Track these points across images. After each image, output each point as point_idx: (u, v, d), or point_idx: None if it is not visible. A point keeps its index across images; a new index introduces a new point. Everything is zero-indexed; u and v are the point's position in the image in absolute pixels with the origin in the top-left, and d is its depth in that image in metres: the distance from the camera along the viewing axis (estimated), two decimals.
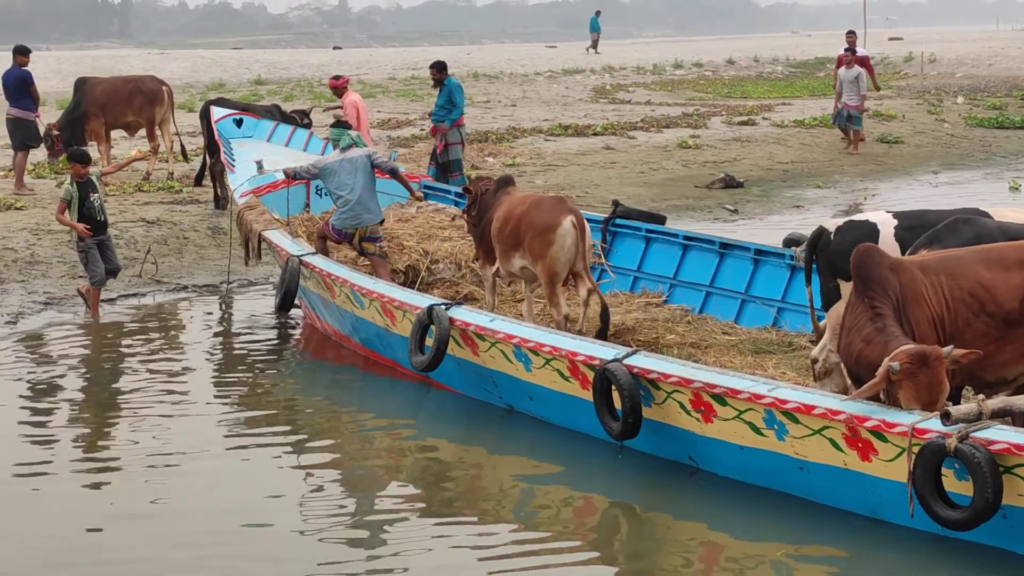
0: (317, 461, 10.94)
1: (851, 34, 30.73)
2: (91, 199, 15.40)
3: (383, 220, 14.88)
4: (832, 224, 10.85)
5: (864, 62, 29.03)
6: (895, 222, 10.70)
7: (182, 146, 23.86)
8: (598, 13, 64.54)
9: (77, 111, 22.91)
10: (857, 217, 11.04)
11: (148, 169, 22.99)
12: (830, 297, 10.69)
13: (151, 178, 22.68)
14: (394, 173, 15.18)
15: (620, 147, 28.72)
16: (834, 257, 10.53)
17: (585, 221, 12.88)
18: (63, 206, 15.36)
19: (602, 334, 12.52)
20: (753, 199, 24.15)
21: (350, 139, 14.79)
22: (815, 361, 10.99)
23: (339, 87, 21.16)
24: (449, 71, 21.23)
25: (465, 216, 14.10)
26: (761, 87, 46.05)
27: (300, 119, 20.81)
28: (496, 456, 11.22)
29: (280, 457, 11.01)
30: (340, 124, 15.32)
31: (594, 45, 62.73)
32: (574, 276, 12.91)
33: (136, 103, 23.32)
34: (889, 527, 8.99)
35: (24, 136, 21.41)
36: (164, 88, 23.79)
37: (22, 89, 21.36)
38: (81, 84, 23.49)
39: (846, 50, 28.70)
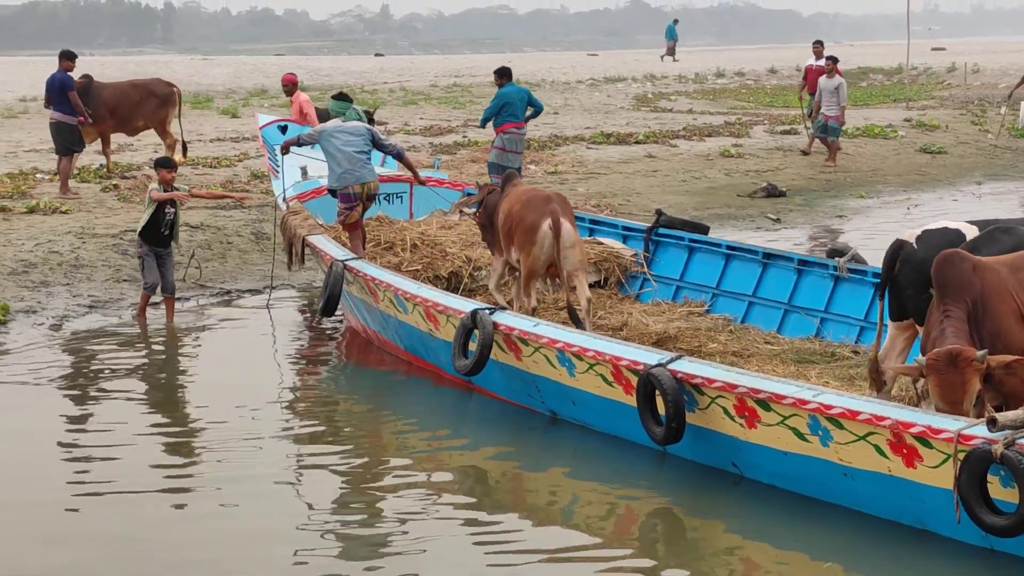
0: (357, 466, 10.96)
1: (818, 44, 30.48)
2: (167, 210, 15.49)
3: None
4: (911, 235, 10.76)
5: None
6: (975, 230, 10.64)
7: (184, 144, 24.13)
8: (676, 21, 64.50)
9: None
10: (934, 226, 10.92)
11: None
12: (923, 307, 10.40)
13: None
14: (399, 156, 15.44)
15: (662, 155, 28.69)
16: (924, 266, 10.27)
17: (565, 222, 12.90)
18: (155, 192, 15.44)
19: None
20: (795, 208, 24.09)
21: (356, 113, 15.28)
22: (879, 361, 10.86)
23: (292, 83, 21.39)
24: (512, 78, 21.69)
25: (474, 217, 14.44)
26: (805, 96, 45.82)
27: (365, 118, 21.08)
28: (538, 462, 11.21)
29: (321, 462, 11.02)
30: (342, 96, 15.57)
31: (670, 52, 62.64)
32: (567, 276, 13.09)
33: (149, 107, 23.65)
34: (933, 540, 8.96)
35: (67, 140, 21.52)
36: (175, 90, 24.49)
37: (64, 93, 21.47)
38: (87, 84, 23.31)
39: (829, 58, 28.35)
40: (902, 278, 10.61)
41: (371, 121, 21.24)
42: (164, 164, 15.72)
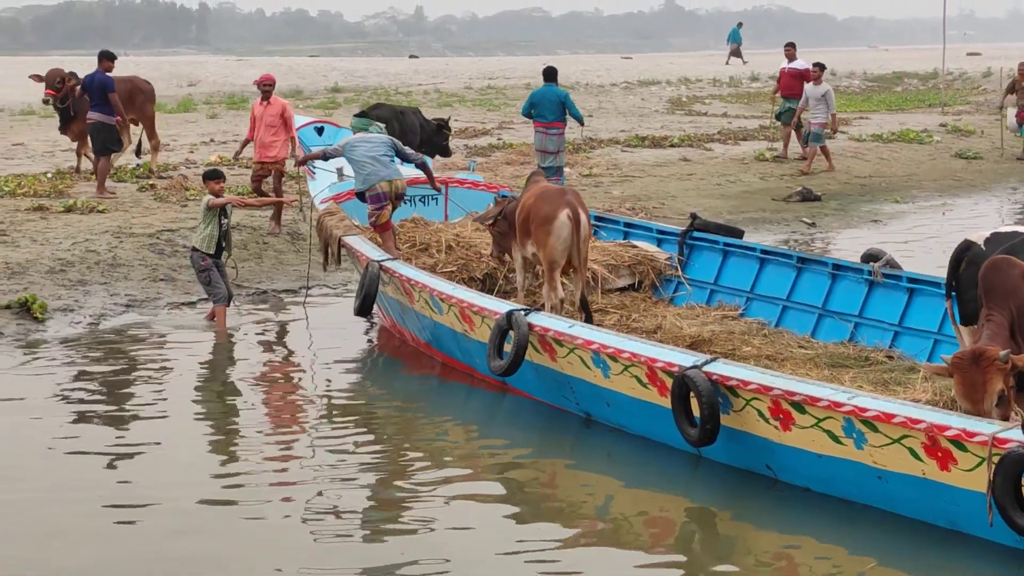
0: (390, 466, 11.03)
1: (790, 47, 29.19)
2: (222, 220, 15.64)
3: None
4: (979, 237, 10.72)
5: (805, 75, 27.70)
6: None
7: (139, 145, 24.33)
8: (740, 25, 64.38)
9: (63, 106, 23.07)
10: (1005, 229, 10.88)
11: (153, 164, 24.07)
12: None
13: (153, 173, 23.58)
14: (423, 166, 15.62)
15: (697, 159, 28.68)
16: None
17: (583, 215, 13.13)
18: (210, 200, 15.56)
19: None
20: (831, 213, 24.07)
21: (377, 128, 15.74)
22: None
23: (271, 84, 20.13)
24: (552, 80, 22.25)
25: (489, 229, 14.63)
26: (838, 101, 45.60)
27: (439, 127, 21.46)
28: (572, 464, 11.25)
29: (354, 462, 11.07)
30: (364, 114, 15.80)
31: (736, 54, 62.49)
32: (572, 269, 13.37)
33: (138, 103, 23.79)
34: (967, 541, 8.98)
35: (106, 140, 21.62)
36: (151, 87, 24.96)
37: (105, 94, 21.58)
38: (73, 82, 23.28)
39: (816, 65, 27.48)
40: (967, 279, 10.51)
41: (447, 129, 21.71)
42: (213, 176, 15.86)
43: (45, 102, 23.81)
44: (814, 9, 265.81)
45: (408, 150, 15.58)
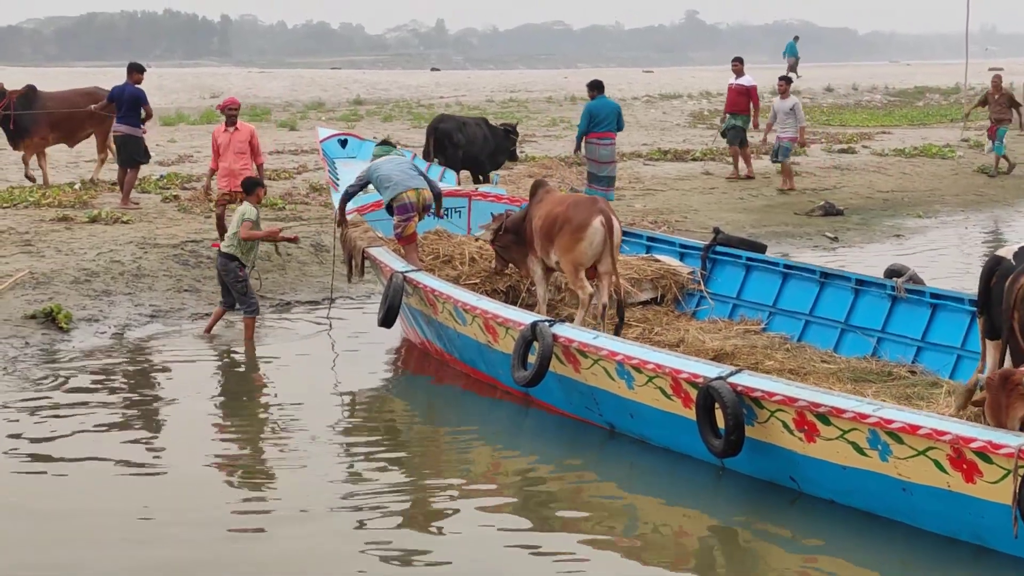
0: (414, 479, 11.03)
1: (736, 62, 28.07)
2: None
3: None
4: (1008, 251, 10.70)
5: (751, 93, 27.13)
6: None
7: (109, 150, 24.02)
8: (796, 39, 64.47)
9: (24, 120, 23.03)
10: None
11: (95, 177, 23.86)
12: None
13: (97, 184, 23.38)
14: (439, 197, 15.46)
15: (719, 172, 28.68)
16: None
17: (615, 222, 13.44)
18: (249, 225, 15.56)
19: (618, 329, 13.44)
20: (853, 227, 24.06)
21: (399, 153, 15.97)
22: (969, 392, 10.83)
23: (236, 108, 18.90)
24: (603, 91, 22.73)
25: (492, 244, 14.92)
26: (860, 115, 45.75)
27: (507, 133, 21.65)
28: (596, 477, 11.24)
29: (377, 475, 11.08)
30: (386, 143, 15.96)
31: (792, 69, 62.52)
32: (601, 276, 13.59)
33: (97, 116, 23.36)
34: (992, 556, 8.97)
35: (133, 152, 21.71)
36: None
37: (135, 106, 21.67)
38: (32, 94, 23.39)
39: (782, 79, 26.89)
40: (998, 294, 10.51)
41: (514, 134, 21.98)
42: (260, 184, 16.24)
43: None
44: (835, 23, 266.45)
45: (430, 177, 15.71)
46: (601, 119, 22.23)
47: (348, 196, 15.64)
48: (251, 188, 16.04)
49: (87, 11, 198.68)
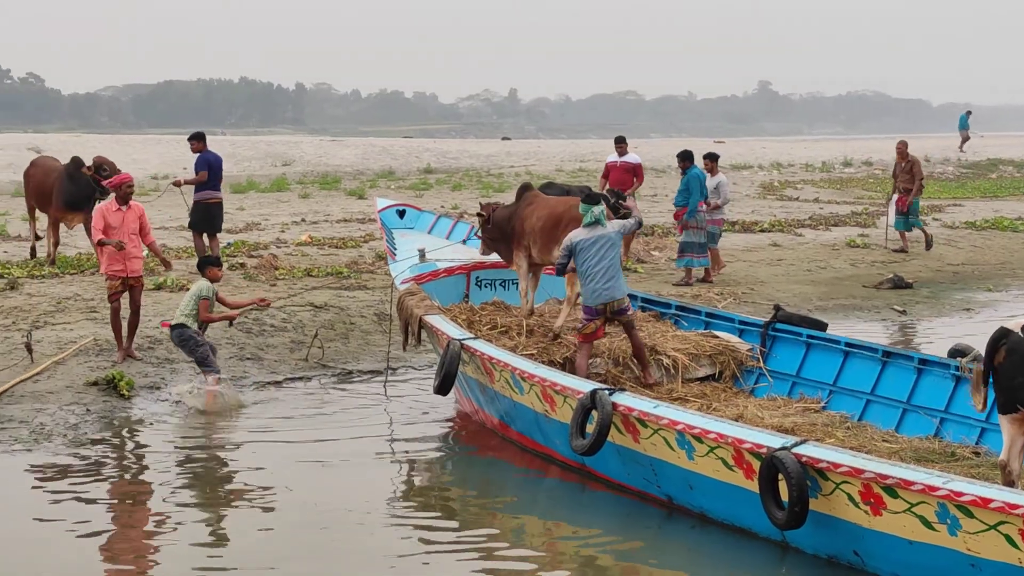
0: (467, 555, 10.89)
1: (620, 142, 26.31)
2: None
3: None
4: (1016, 324, 10.56)
5: (637, 170, 25.91)
6: None
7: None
8: (968, 113, 64.66)
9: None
10: None
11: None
12: None
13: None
14: (639, 225, 15.66)
15: (787, 244, 28.53)
16: None
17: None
18: (206, 304, 15.93)
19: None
20: (922, 301, 23.78)
21: (593, 216, 14.37)
22: (1004, 466, 10.68)
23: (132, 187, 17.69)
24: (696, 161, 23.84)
25: (481, 235, 16.26)
26: (932, 187, 45.39)
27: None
28: (654, 557, 11.01)
29: (431, 550, 10.99)
30: (590, 199, 14.92)
31: (965, 140, 62.69)
32: None
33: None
34: None
35: (216, 220, 22.10)
36: None
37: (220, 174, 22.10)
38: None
39: (707, 156, 25.35)
40: (1008, 367, 10.37)
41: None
42: (215, 263, 16.52)
43: None
44: (909, 95, 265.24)
45: (629, 224, 15.03)
46: (702, 188, 23.43)
47: (562, 270, 14.81)
48: (202, 268, 16.24)
49: (164, 79, 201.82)
